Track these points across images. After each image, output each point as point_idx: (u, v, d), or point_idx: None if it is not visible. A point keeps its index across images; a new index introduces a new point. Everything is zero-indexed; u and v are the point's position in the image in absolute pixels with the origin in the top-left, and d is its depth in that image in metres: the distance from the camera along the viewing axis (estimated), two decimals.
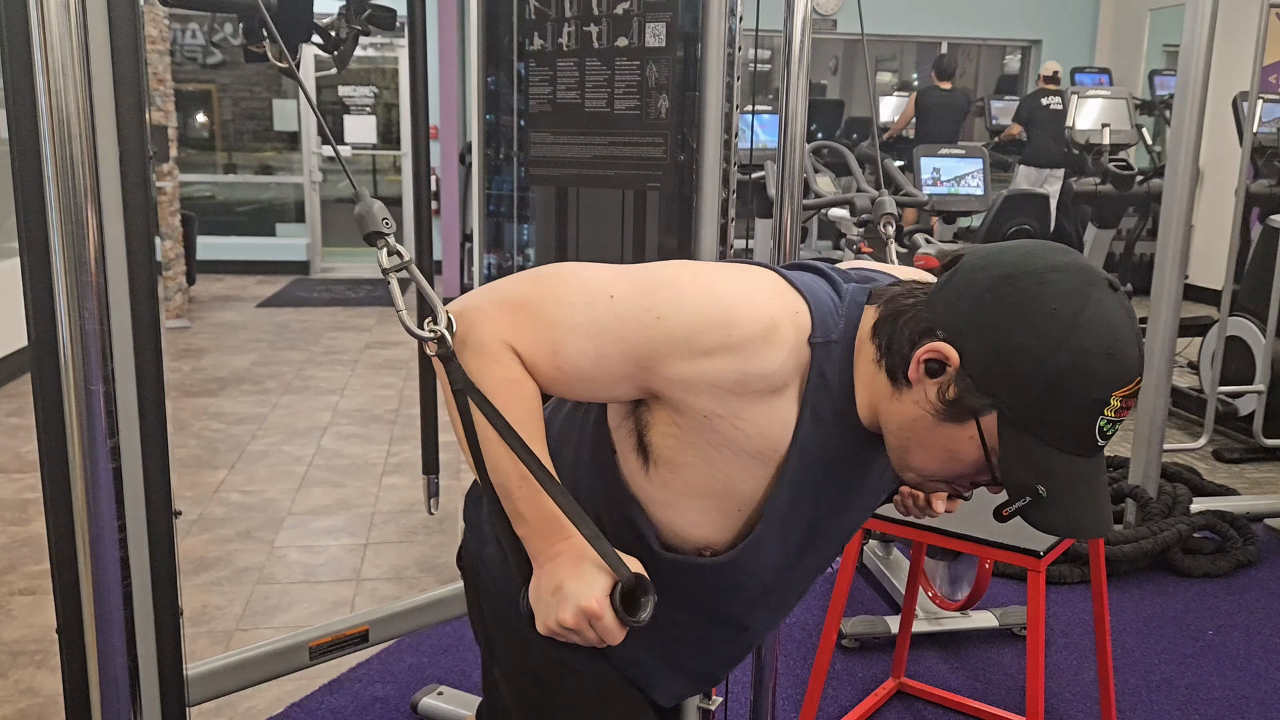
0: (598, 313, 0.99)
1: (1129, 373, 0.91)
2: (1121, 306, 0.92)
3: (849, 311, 1.03)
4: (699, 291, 0.99)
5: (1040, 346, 0.90)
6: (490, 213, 2.32)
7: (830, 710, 2.41)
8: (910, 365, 0.96)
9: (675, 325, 0.97)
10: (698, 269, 1.05)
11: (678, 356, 0.97)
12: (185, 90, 8.87)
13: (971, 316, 0.93)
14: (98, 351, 1.13)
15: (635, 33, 2.00)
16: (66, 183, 1.09)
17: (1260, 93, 4.57)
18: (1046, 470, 0.93)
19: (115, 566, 1.20)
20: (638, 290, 1.00)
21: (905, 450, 1.01)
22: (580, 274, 1.02)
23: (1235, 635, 2.80)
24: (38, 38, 1.06)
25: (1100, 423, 0.91)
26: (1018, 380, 0.91)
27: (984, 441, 0.95)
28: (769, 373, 0.98)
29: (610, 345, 0.99)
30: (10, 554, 3.12)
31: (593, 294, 1.00)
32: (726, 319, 0.97)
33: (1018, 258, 0.94)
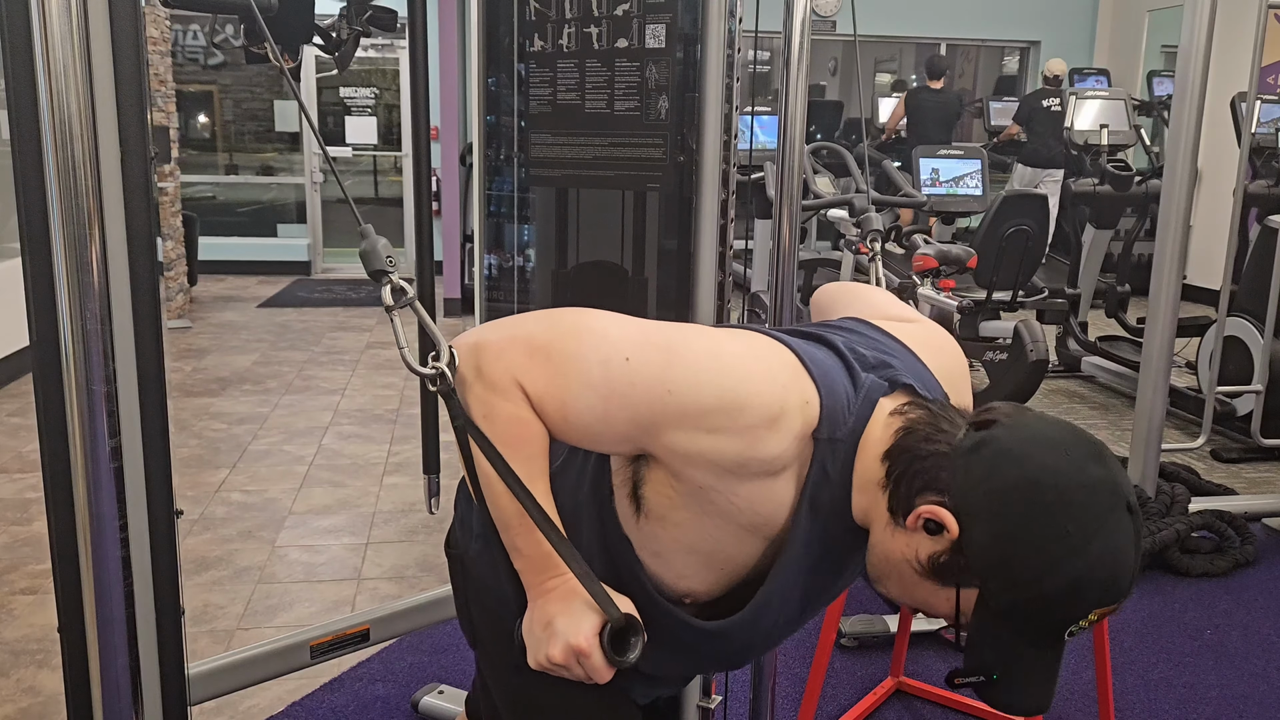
0: (612, 373, 0.99)
1: (1117, 599, 0.94)
2: (1133, 533, 0.94)
3: (860, 410, 1.03)
4: (715, 370, 0.99)
5: (1042, 564, 0.91)
6: (491, 213, 2.32)
7: (829, 709, 2.41)
8: (911, 515, 0.97)
9: (686, 402, 0.98)
10: (719, 343, 1.04)
11: (682, 431, 0.98)
12: (187, 91, 8.87)
13: (986, 505, 0.93)
14: (99, 351, 1.14)
15: (635, 34, 2.01)
16: (68, 183, 1.09)
17: (1258, 93, 4.57)
18: (1009, 656, 0.96)
19: (117, 566, 1.21)
20: (655, 359, 1.00)
21: (884, 578, 1.04)
22: (601, 329, 1.02)
23: (1233, 635, 2.81)
24: (39, 38, 1.06)
25: (1072, 629, 0.94)
26: (1010, 582, 0.92)
27: (959, 607, 0.97)
28: (770, 458, 0.99)
29: (618, 408, 0.99)
30: (12, 553, 3.13)
31: (610, 353, 1.00)
32: (737, 404, 0.98)
33: (1053, 463, 0.93)
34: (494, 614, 1.23)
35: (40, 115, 1.08)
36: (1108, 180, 5.17)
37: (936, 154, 5.38)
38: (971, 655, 0.98)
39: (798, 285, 3.49)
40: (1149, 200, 5.16)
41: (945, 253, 3.73)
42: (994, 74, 10.64)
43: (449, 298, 6.91)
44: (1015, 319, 4.53)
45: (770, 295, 1.95)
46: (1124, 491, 0.95)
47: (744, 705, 2.23)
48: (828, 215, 4.56)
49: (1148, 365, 3.02)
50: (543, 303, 2.29)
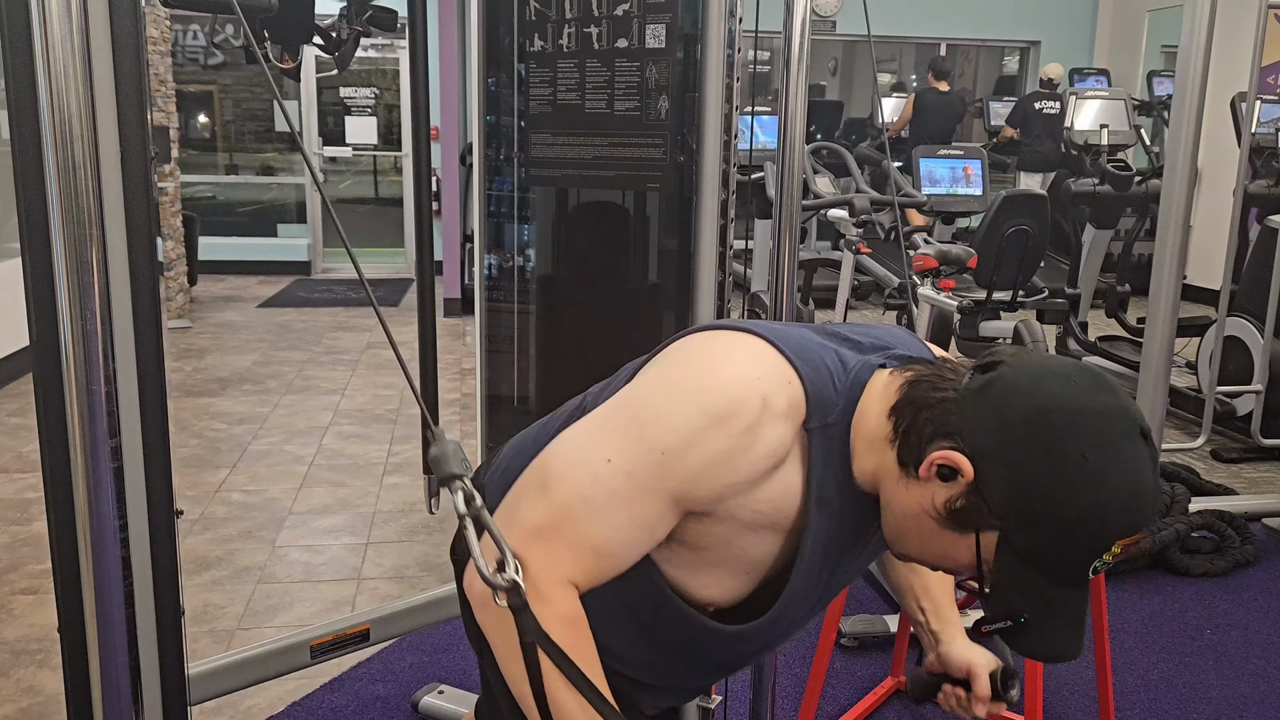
0: (608, 484, 0.97)
1: (1137, 527, 0.91)
2: (1150, 459, 0.92)
3: (850, 390, 1.02)
4: (680, 403, 0.98)
5: (1061, 492, 0.89)
6: (491, 213, 2.32)
7: (829, 709, 2.41)
8: (923, 463, 0.96)
9: (680, 450, 0.96)
10: (671, 372, 1.02)
11: (699, 478, 0.97)
12: (187, 91, 8.87)
13: (999, 440, 0.92)
14: (99, 351, 1.14)
15: (635, 34, 2.01)
16: (68, 183, 1.09)
17: (1259, 93, 4.57)
18: (1035, 598, 0.94)
19: (117, 566, 1.21)
20: (629, 439, 0.98)
21: (900, 536, 1.02)
22: (572, 457, 1.00)
23: (1233, 634, 2.81)
24: (39, 39, 1.06)
25: (1096, 563, 0.92)
26: (1030, 517, 0.91)
27: (979, 554, 0.95)
28: (772, 450, 0.98)
29: (635, 503, 0.98)
30: (12, 553, 3.13)
31: (594, 470, 0.98)
32: (719, 418, 0.96)
33: (1060, 390, 0.92)
34: None
35: (40, 115, 1.08)
36: (1108, 180, 5.17)
37: (937, 154, 5.39)
38: (997, 601, 0.95)
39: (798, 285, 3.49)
40: (1149, 200, 5.15)
41: (945, 253, 3.74)
42: (994, 74, 10.64)
43: (449, 298, 6.91)
44: (1015, 319, 4.53)
45: (770, 295, 1.95)
46: (1136, 417, 0.93)
47: (744, 705, 2.23)
48: (828, 215, 4.56)
49: (1148, 365, 3.02)
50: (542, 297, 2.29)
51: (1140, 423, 0.93)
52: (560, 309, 2.30)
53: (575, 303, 2.28)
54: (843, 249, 4.44)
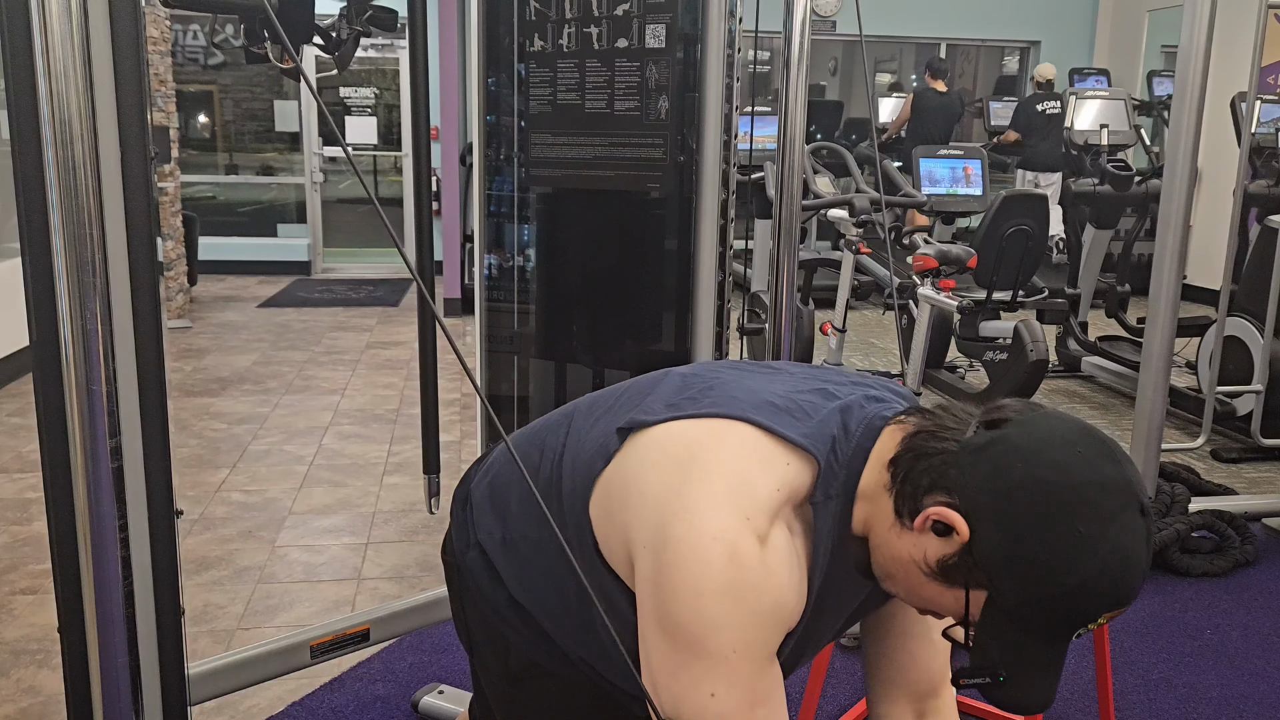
0: (731, 706, 0.97)
1: (1126, 601, 0.92)
2: (1145, 534, 0.92)
3: (852, 460, 1.02)
4: (706, 599, 0.96)
5: (1054, 563, 0.90)
6: (491, 213, 2.32)
7: (829, 709, 2.41)
8: (919, 515, 0.96)
9: (742, 636, 0.96)
10: (670, 574, 0.98)
11: (771, 632, 0.98)
12: (187, 91, 8.87)
13: (995, 505, 0.92)
14: (99, 351, 1.14)
15: (635, 34, 2.01)
16: (68, 183, 1.09)
17: (1258, 93, 4.57)
18: (1017, 654, 0.95)
19: (117, 566, 1.21)
20: (707, 668, 0.97)
21: (890, 578, 1.03)
22: (698, 714, 0.99)
23: (1233, 635, 2.81)
24: (39, 39, 1.06)
25: (1081, 629, 0.93)
26: (1020, 582, 0.91)
27: (967, 609, 0.96)
28: (788, 558, 0.99)
29: (755, 686, 0.98)
30: (12, 553, 3.13)
31: (717, 711, 0.98)
32: (739, 585, 0.95)
33: (1064, 459, 0.92)
34: (489, 622, 1.22)
35: (40, 115, 1.08)
36: (1108, 180, 5.17)
37: (937, 154, 5.39)
38: (979, 655, 0.96)
39: (798, 285, 3.49)
40: (1149, 200, 5.15)
41: (945, 253, 3.74)
42: (994, 74, 10.64)
43: (449, 298, 6.91)
44: (1015, 319, 4.53)
45: (770, 295, 1.95)
46: (1136, 491, 0.93)
47: None
48: (828, 215, 4.56)
49: (1148, 365, 3.02)
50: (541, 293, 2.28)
51: (1140, 497, 0.93)
52: (560, 309, 2.30)
53: (575, 303, 2.28)
54: (843, 249, 4.44)
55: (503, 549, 1.20)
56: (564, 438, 1.16)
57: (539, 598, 1.17)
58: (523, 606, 1.19)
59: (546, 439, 1.19)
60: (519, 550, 1.18)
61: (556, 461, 1.15)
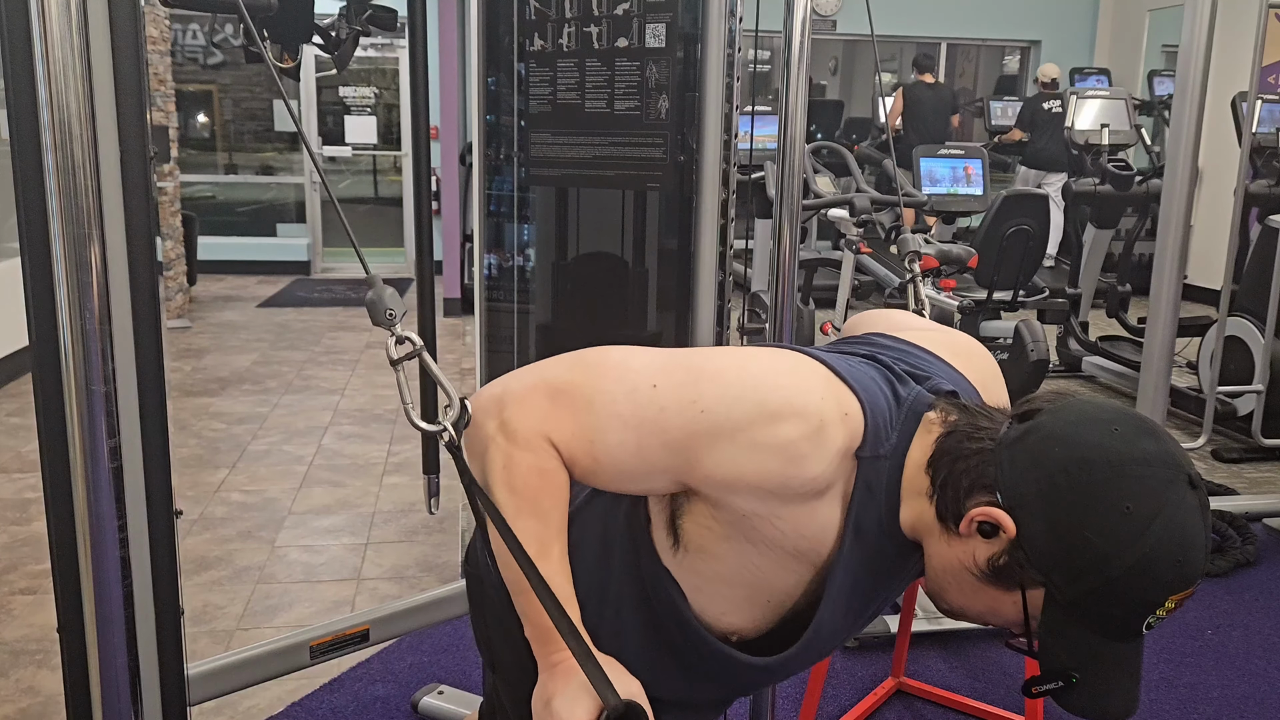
0: (640, 402, 0.95)
1: (1191, 580, 0.88)
2: (1199, 508, 0.88)
3: (905, 425, 0.98)
4: (745, 384, 0.94)
5: (1107, 546, 0.85)
6: (491, 213, 2.32)
7: (830, 709, 2.41)
8: (963, 520, 0.92)
9: (719, 418, 0.93)
10: (747, 358, 0.99)
11: (720, 451, 0.93)
12: (186, 91, 8.87)
13: (1039, 494, 0.88)
14: (98, 351, 1.14)
15: (635, 33, 2.01)
16: (67, 183, 1.09)
17: (1259, 93, 4.57)
18: (1085, 655, 0.90)
19: (116, 566, 1.20)
20: (682, 380, 0.95)
21: (943, 591, 0.99)
22: (625, 360, 0.98)
23: (1234, 635, 2.81)
24: (39, 38, 1.06)
25: (1150, 619, 0.89)
26: (1076, 572, 0.87)
27: (1026, 610, 0.92)
28: (813, 477, 0.94)
29: (651, 436, 0.95)
30: (11, 553, 3.13)
31: (636, 382, 0.96)
32: (773, 415, 0.92)
33: (1101, 439, 0.88)
34: (517, 643, 1.17)
35: (40, 115, 1.08)
36: (1109, 180, 5.17)
37: (937, 154, 5.38)
38: (1046, 659, 0.92)
39: (798, 285, 3.49)
40: (1150, 200, 5.15)
41: (946, 252, 3.73)
42: (994, 74, 10.64)
43: (449, 297, 6.91)
44: (1016, 319, 4.53)
45: (770, 295, 1.94)
46: (1183, 464, 0.89)
47: (744, 705, 2.23)
48: (828, 215, 4.56)
49: (1148, 365, 3.02)
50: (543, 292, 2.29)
51: (1188, 470, 0.89)
52: (560, 309, 2.30)
53: (575, 303, 2.28)
54: (843, 249, 4.43)
55: None
56: None
57: None
58: None
59: None
60: None
61: None
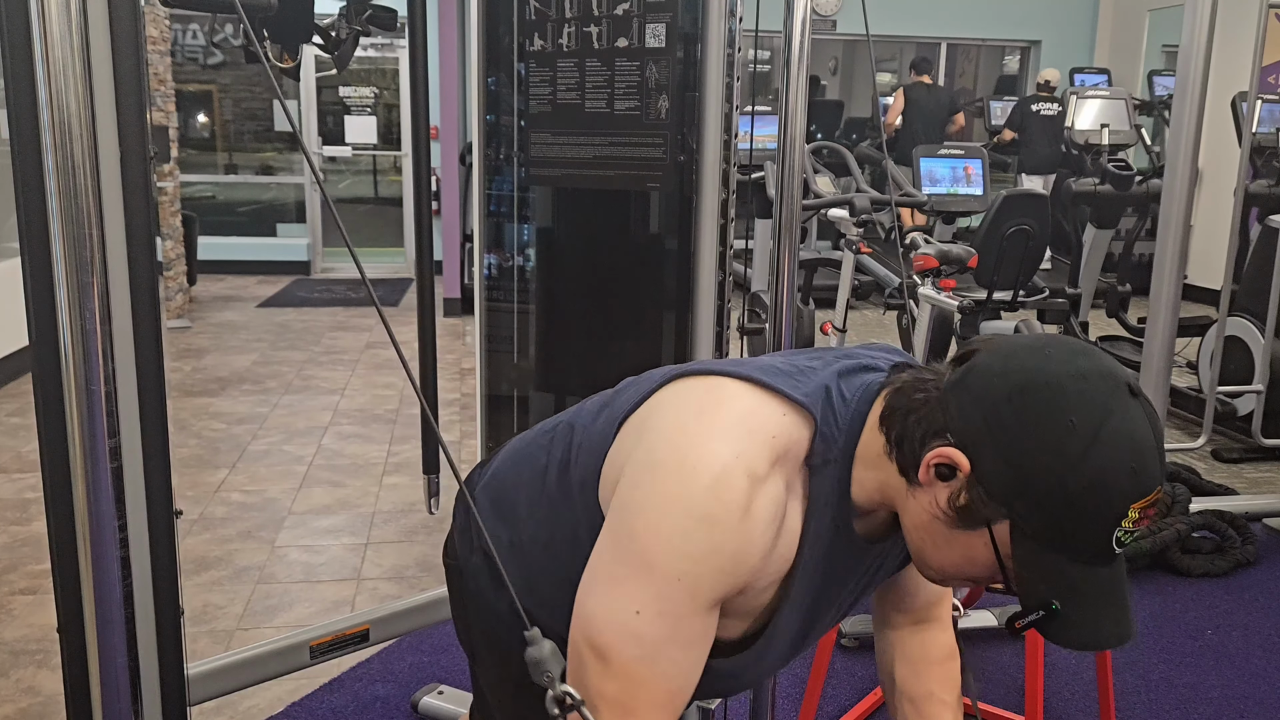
0: (650, 634, 0.96)
1: (1149, 486, 0.88)
2: (1144, 414, 0.89)
3: (851, 424, 1.00)
4: (673, 519, 0.95)
5: (1059, 463, 0.87)
6: (491, 213, 2.32)
7: (830, 709, 2.41)
8: (921, 468, 0.94)
9: (692, 571, 0.95)
10: (651, 485, 0.97)
11: (721, 582, 0.96)
12: (186, 91, 8.87)
13: (986, 426, 0.90)
14: (98, 351, 1.14)
15: (635, 33, 2.01)
16: (67, 183, 1.09)
17: (1259, 93, 4.57)
18: (1061, 582, 0.91)
19: (116, 566, 1.20)
20: (643, 583, 0.96)
21: (922, 550, 1.00)
22: (608, 624, 0.98)
23: (1234, 635, 2.80)
24: (38, 38, 1.06)
25: (1118, 533, 0.89)
26: (1033, 495, 0.88)
27: (997, 549, 0.93)
28: (772, 515, 0.97)
29: (681, 632, 0.96)
30: (11, 553, 3.13)
31: (631, 629, 0.96)
32: (712, 518, 0.93)
33: (1037, 364, 0.90)
34: (492, 627, 1.21)
35: (40, 115, 1.08)
36: (1109, 180, 5.18)
37: (937, 154, 5.39)
38: (1024, 591, 0.93)
39: (798, 285, 3.49)
40: (1150, 200, 5.16)
41: (946, 252, 3.73)
42: (994, 74, 10.64)
43: (449, 297, 6.91)
44: (1016, 319, 4.53)
45: (770, 295, 1.94)
46: (1120, 375, 0.90)
47: (744, 705, 2.23)
48: (828, 215, 4.56)
49: (1148, 365, 3.02)
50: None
51: (1126, 380, 0.90)
52: (560, 309, 2.30)
53: (575, 302, 2.28)
54: (843, 249, 4.44)
55: (510, 553, 1.19)
56: (570, 436, 1.16)
57: (545, 602, 1.16)
58: (528, 611, 1.18)
59: (554, 440, 1.18)
60: (527, 554, 1.17)
61: (564, 461, 1.14)
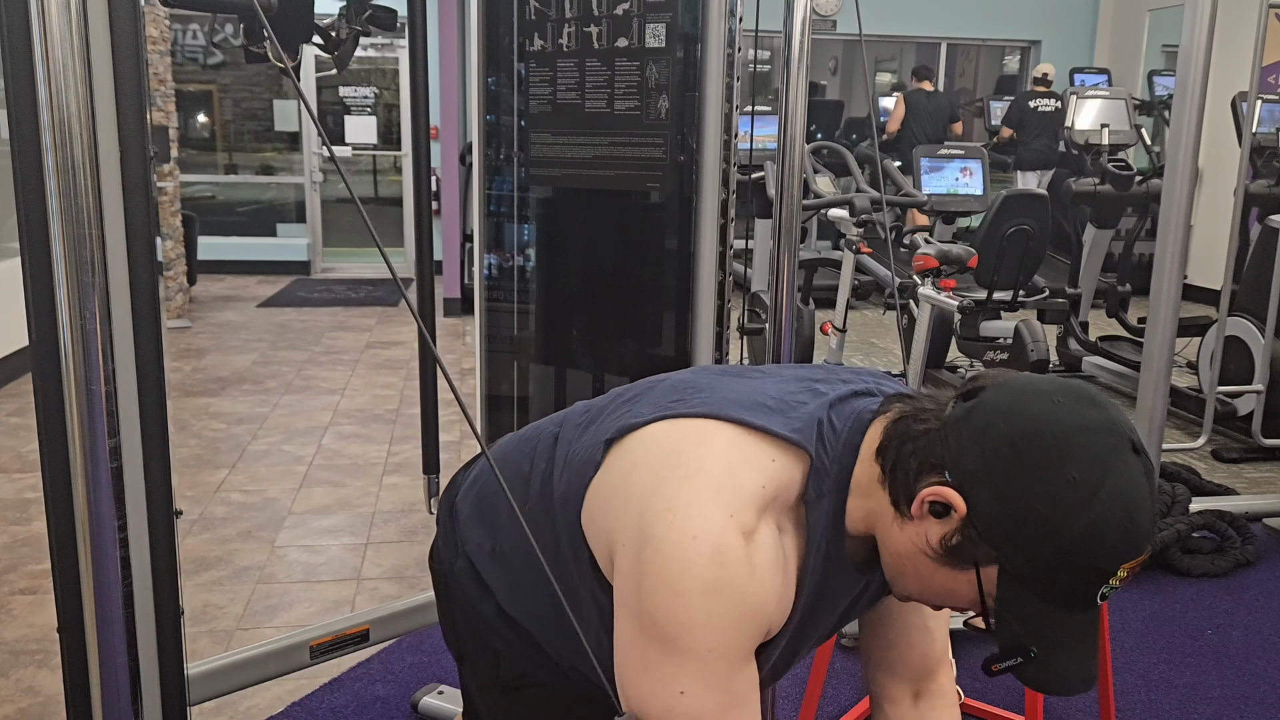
0: (704, 706, 0.96)
1: (1141, 546, 0.88)
2: (1143, 474, 0.89)
3: (843, 455, 1.00)
4: (684, 597, 0.94)
5: (1055, 515, 0.86)
6: (490, 213, 2.32)
7: (829, 709, 2.41)
8: (914, 501, 0.94)
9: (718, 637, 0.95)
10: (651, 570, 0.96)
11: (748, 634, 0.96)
12: (186, 90, 8.87)
13: (986, 468, 0.89)
14: (98, 351, 1.14)
15: (635, 33, 2.00)
16: (67, 183, 1.09)
17: (1259, 93, 4.57)
18: (1041, 627, 0.91)
19: (116, 566, 1.20)
20: (679, 665, 0.96)
21: (899, 576, 1.00)
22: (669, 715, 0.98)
23: (1234, 635, 2.80)
24: (38, 38, 1.06)
25: (1103, 589, 0.89)
26: (1026, 543, 0.88)
27: (982, 589, 0.93)
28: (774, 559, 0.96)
29: (730, 691, 0.97)
30: (11, 553, 3.13)
31: (687, 710, 0.96)
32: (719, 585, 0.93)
33: (1044, 410, 0.90)
34: (478, 632, 1.21)
35: (40, 115, 1.08)
36: (1109, 180, 5.17)
37: (937, 154, 5.39)
38: (1003, 633, 0.93)
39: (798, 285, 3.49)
40: (1150, 200, 5.15)
41: (946, 252, 3.73)
42: (994, 74, 10.64)
43: (449, 297, 6.91)
44: (1016, 319, 4.53)
45: (770, 295, 1.94)
46: (1125, 430, 0.90)
47: None
48: (828, 215, 4.56)
49: (1148, 365, 3.02)
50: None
51: (1130, 436, 0.90)
52: (560, 308, 2.30)
53: (575, 302, 2.28)
54: (843, 249, 4.43)
55: (492, 560, 1.19)
56: (554, 448, 1.15)
57: (529, 608, 1.16)
58: (512, 617, 1.18)
59: (538, 448, 1.18)
60: (509, 561, 1.17)
61: (547, 473, 1.14)
